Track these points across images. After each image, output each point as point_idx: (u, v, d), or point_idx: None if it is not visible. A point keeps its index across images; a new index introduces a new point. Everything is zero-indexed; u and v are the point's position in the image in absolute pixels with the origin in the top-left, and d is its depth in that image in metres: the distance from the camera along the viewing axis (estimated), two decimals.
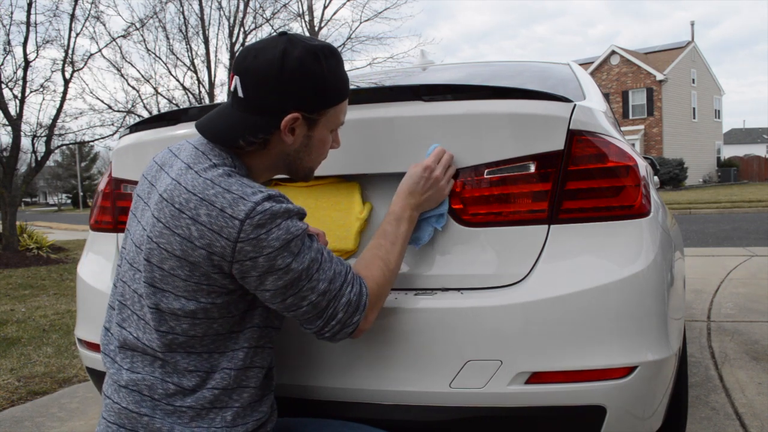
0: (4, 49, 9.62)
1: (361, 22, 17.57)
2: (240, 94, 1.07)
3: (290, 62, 1.04)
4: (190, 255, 1.01)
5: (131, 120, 12.33)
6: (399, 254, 1.23)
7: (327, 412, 1.34)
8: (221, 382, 1.08)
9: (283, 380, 1.35)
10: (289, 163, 1.16)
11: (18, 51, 16.88)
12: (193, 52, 16.84)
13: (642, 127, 31.35)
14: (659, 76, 30.74)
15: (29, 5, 9.47)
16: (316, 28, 16.96)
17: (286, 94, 1.06)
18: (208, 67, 17.09)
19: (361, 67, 17.06)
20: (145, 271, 1.07)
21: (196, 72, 17.22)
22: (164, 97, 14.62)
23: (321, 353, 1.32)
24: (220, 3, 17.29)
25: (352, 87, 1.26)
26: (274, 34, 1.10)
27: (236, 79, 1.07)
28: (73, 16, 10.00)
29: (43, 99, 17.32)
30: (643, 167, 1.38)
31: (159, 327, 1.06)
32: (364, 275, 1.17)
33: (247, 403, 1.11)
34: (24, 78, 9.64)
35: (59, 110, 10.08)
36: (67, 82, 10.16)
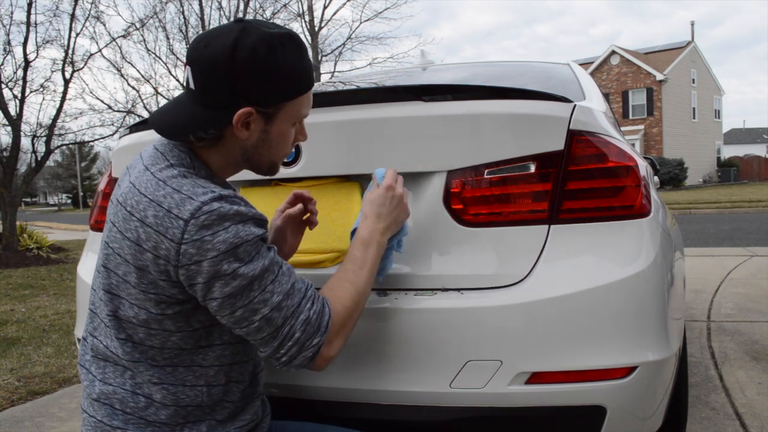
0: (4, 49, 9.62)
1: (361, 22, 17.58)
2: (191, 85, 0.99)
3: (242, 52, 0.95)
4: (139, 259, 0.96)
5: (131, 120, 12.33)
6: (368, 278, 1.14)
7: (327, 413, 1.34)
8: (195, 399, 1.03)
9: (282, 380, 1.35)
10: (248, 159, 1.07)
11: (18, 51, 16.87)
12: None
13: (642, 127, 31.35)
14: (659, 76, 30.74)
15: (29, 5, 9.47)
16: (316, 28, 16.96)
17: (238, 87, 0.97)
18: None
19: (361, 67, 17.06)
20: (102, 277, 1.03)
21: None
22: (164, 97, 14.62)
23: None
24: (220, 3, 17.27)
25: (352, 87, 1.25)
26: (231, 20, 1.03)
27: (188, 70, 1.00)
28: (73, 16, 10.00)
29: (43, 99, 17.34)
30: (643, 167, 1.38)
31: (118, 334, 1.01)
32: (329, 296, 1.08)
33: (225, 417, 1.07)
34: (24, 78, 9.64)
35: (59, 110, 10.08)
36: (67, 82, 10.16)
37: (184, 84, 1.03)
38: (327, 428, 1.25)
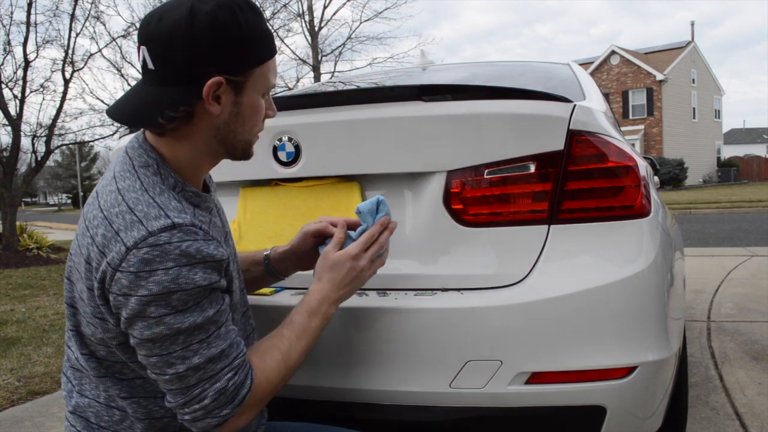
0: (4, 49, 9.63)
1: (361, 22, 17.54)
2: (150, 66, 0.92)
3: (200, 19, 0.89)
4: (88, 278, 0.91)
5: None
6: (302, 351, 1.05)
7: (327, 413, 1.34)
8: (169, 411, 0.98)
9: None
10: (222, 139, 0.99)
11: (18, 51, 16.87)
12: None
13: (642, 127, 31.35)
14: (659, 76, 30.75)
15: (29, 5, 9.47)
16: (316, 28, 16.96)
17: (202, 56, 0.90)
18: None
19: (361, 67, 17.06)
20: (67, 290, 0.98)
21: None
22: None
23: (321, 353, 1.32)
24: None
25: (352, 87, 1.25)
26: None
27: (143, 50, 0.92)
28: (73, 16, 10.00)
29: (43, 99, 17.37)
30: (643, 167, 1.39)
31: (81, 350, 0.98)
32: (255, 365, 0.99)
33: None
34: (24, 78, 9.65)
35: (59, 110, 10.09)
36: (67, 82, 10.17)
37: (141, 66, 0.94)
38: (327, 429, 1.24)
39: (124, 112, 0.95)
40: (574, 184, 1.27)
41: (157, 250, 0.86)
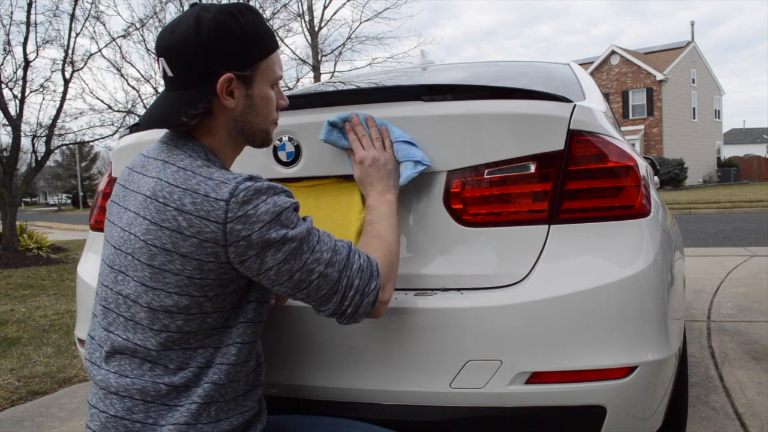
0: (4, 49, 9.63)
1: (361, 22, 17.52)
2: (169, 73, 1.06)
3: (205, 25, 1.03)
4: (181, 246, 0.99)
5: (131, 120, 12.33)
6: (390, 229, 1.23)
7: (327, 413, 1.33)
8: (213, 377, 1.05)
9: (282, 380, 1.35)
10: (241, 129, 1.13)
11: (18, 51, 16.89)
12: None
13: (642, 127, 31.35)
14: (659, 76, 30.75)
15: (29, 5, 9.47)
16: (316, 28, 16.96)
17: (211, 57, 1.04)
18: None
19: (361, 67, 17.06)
20: (134, 271, 1.04)
21: None
22: None
23: (321, 353, 1.32)
24: (220, 3, 17.25)
25: (351, 87, 1.26)
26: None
27: (162, 62, 1.06)
28: (73, 16, 10.00)
29: (43, 99, 17.33)
30: (643, 167, 1.39)
31: (152, 326, 1.04)
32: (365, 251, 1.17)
33: (231, 397, 1.08)
34: (24, 78, 9.65)
35: (59, 110, 10.09)
36: (67, 82, 10.16)
37: (162, 76, 1.09)
38: (318, 419, 1.26)
39: (151, 117, 1.08)
40: (574, 184, 1.27)
41: (251, 191, 1.00)
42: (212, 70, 1.04)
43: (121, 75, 13.01)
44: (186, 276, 1.01)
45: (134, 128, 1.62)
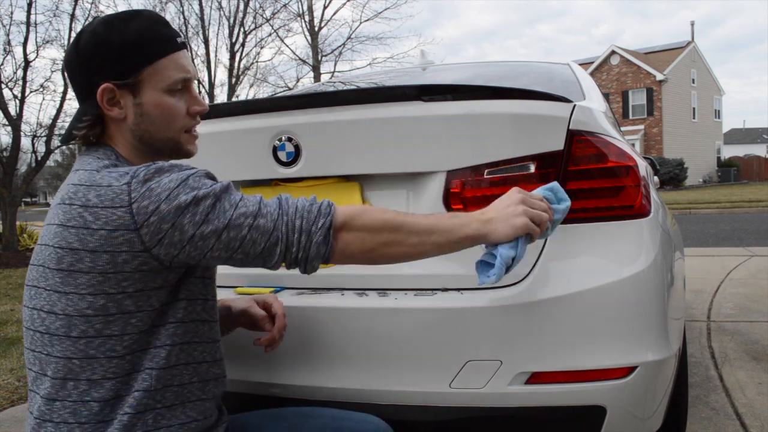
0: (4, 49, 9.63)
1: (361, 22, 17.61)
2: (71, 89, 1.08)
3: (83, 38, 1.03)
4: (89, 242, 0.93)
5: None
6: (416, 226, 1.03)
7: None
8: (143, 384, 0.98)
9: (281, 380, 1.35)
10: (140, 139, 1.06)
11: (18, 51, 16.88)
12: (193, 52, 16.85)
13: (642, 127, 31.36)
14: (659, 76, 30.75)
15: (29, 5, 9.48)
16: (316, 28, 16.96)
17: (88, 69, 1.03)
18: (208, 68, 17.10)
19: (361, 68, 17.06)
20: (45, 281, 0.98)
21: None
22: None
23: (320, 352, 1.32)
24: (220, 3, 17.28)
25: (352, 87, 1.25)
26: None
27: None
28: (73, 16, 10.00)
29: (43, 99, 17.41)
30: (643, 167, 1.39)
31: (70, 333, 0.97)
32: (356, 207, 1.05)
33: (171, 404, 1.01)
34: (24, 78, 9.65)
35: (59, 110, 10.09)
36: (67, 79, 10.15)
37: None
38: (284, 411, 1.23)
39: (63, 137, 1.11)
40: (574, 184, 1.27)
41: (151, 169, 0.95)
42: (93, 82, 1.02)
43: None
44: (98, 272, 0.94)
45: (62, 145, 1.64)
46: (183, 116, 1.08)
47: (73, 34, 10.00)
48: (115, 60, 1.01)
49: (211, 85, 16.85)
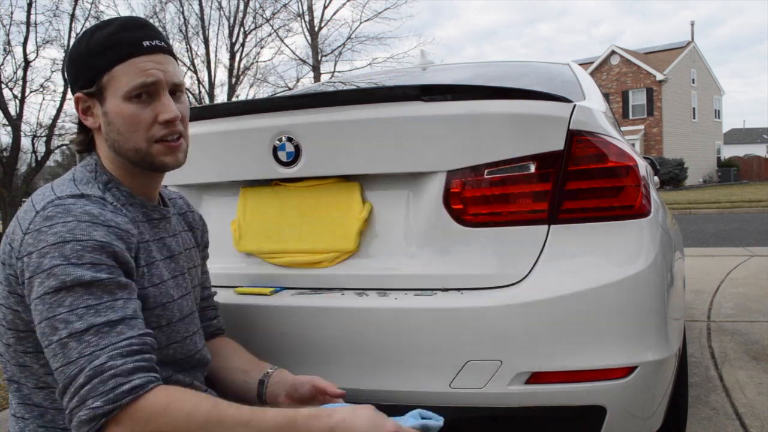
0: (4, 49, 9.65)
1: (361, 22, 17.61)
2: None
3: (68, 52, 1.09)
4: (4, 252, 0.94)
5: None
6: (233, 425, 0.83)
7: None
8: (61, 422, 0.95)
9: None
10: (116, 151, 1.02)
11: (18, 51, 16.88)
12: (193, 52, 16.87)
13: (642, 127, 31.35)
14: (659, 76, 30.74)
15: (29, 5, 9.50)
16: (316, 28, 16.96)
17: (70, 81, 1.07)
18: (208, 67, 17.12)
19: (361, 68, 17.06)
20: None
21: (195, 72, 17.21)
22: None
23: (320, 352, 1.32)
24: (220, 3, 17.29)
25: (352, 87, 1.25)
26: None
27: None
28: (73, 16, 10.03)
29: (43, 99, 17.39)
30: (643, 167, 1.39)
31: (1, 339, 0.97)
32: (169, 389, 0.85)
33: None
34: (24, 78, 9.68)
35: (59, 110, 10.13)
36: (67, 82, 10.17)
37: None
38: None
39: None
40: (574, 184, 1.27)
41: (60, 207, 0.90)
42: (74, 93, 1.05)
43: None
44: (5, 286, 0.94)
45: None
46: (147, 125, 1.00)
47: (73, 34, 10.03)
48: (82, 69, 1.02)
49: (211, 85, 16.86)
